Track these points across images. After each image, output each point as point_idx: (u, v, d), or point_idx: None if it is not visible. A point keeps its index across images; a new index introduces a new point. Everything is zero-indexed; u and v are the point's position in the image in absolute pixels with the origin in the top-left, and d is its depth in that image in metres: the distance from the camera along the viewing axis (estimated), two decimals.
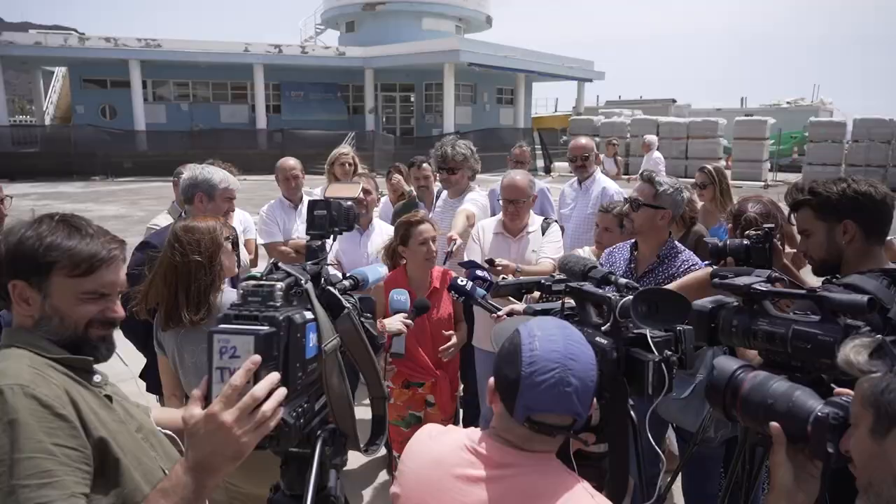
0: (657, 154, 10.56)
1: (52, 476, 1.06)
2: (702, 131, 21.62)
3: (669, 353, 1.19)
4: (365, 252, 3.49)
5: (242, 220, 4.11)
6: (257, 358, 0.99)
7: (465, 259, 3.21)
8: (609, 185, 4.18)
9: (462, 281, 2.60)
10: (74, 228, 1.27)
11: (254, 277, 1.29)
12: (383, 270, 1.64)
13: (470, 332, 3.31)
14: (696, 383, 2.28)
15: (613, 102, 37.93)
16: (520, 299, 2.57)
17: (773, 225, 1.93)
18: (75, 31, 30.14)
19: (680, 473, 2.50)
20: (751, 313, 1.42)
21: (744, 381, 1.18)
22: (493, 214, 4.50)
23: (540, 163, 25.34)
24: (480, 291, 2.63)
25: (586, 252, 3.14)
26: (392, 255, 2.98)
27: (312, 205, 1.40)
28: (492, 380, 1.10)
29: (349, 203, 1.45)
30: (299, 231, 4.17)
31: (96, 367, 1.31)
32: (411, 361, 2.77)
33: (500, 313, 2.55)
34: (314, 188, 4.95)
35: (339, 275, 1.43)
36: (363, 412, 1.33)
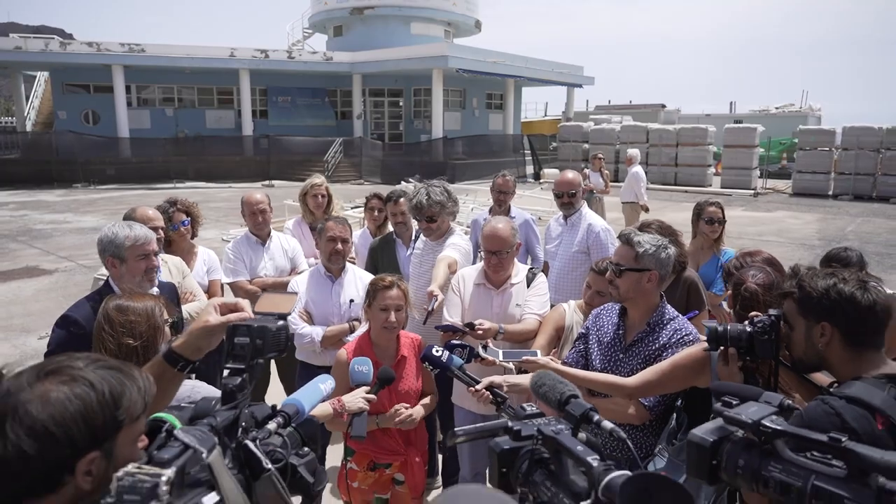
0: (636, 169, 10.30)
1: None
2: (691, 138, 21.59)
3: None
4: (337, 302, 3.23)
5: (207, 260, 3.86)
6: None
7: (445, 316, 2.97)
8: (595, 222, 3.95)
9: (437, 351, 2.36)
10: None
11: (157, 424, 1.05)
12: (327, 386, 1.40)
13: (450, 389, 3.07)
14: None
15: (603, 107, 37.98)
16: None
17: (780, 312, 1.71)
18: (63, 33, 29.55)
19: None
20: (761, 454, 1.20)
21: None
22: (478, 245, 4.27)
23: (529, 169, 25.21)
24: (457, 361, 2.39)
25: (571, 308, 2.90)
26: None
27: (232, 330, 1.16)
28: None
29: (280, 323, 1.20)
30: (267, 269, 3.94)
31: None
32: (373, 442, 2.52)
33: (478, 387, 2.32)
34: (289, 220, 4.70)
35: (268, 407, 1.19)
36: None
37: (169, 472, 0.86)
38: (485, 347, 2.55)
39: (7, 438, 0.88)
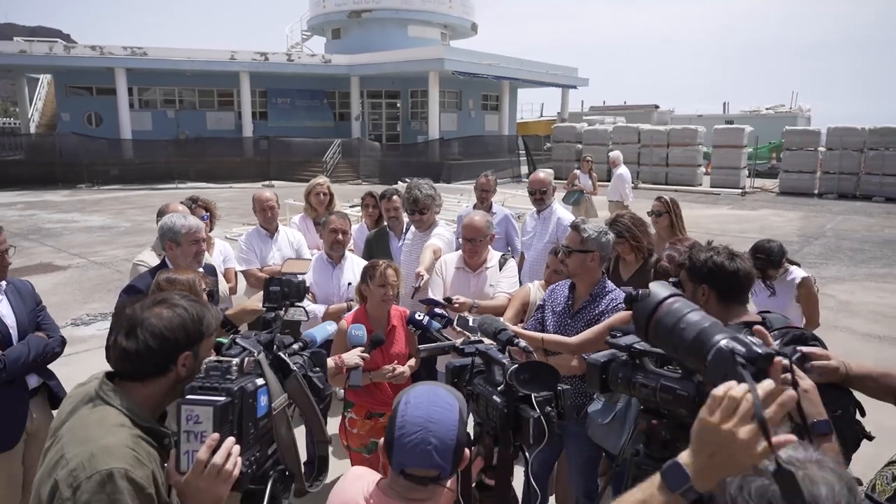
0: (622, 170, 10.94)
1: None
2: (682, 139, 22.09)
3: (550, 409, 1.48)
4: (337, 284, 3.77)
5: (223, 251, 4.39)
6: (216, 436, 1.27)
7: (430, 294, 3.51)
8: (564, 216, 4.50)
9: (419, 316, 2.89)
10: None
11: (220, 344, 1.58)
12: (332, 328, 1.93)
13: (434, 358, 3.59)
14: (616, 411, 2.58)
15: (597, 108, 38.53)
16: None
17: (677, 279, 2.23)
18: (60, 33, 30.02)
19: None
20: (633, 368, 1.72)
21: (663, 304, 1.26)
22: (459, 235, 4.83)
23: (524, 169, 25.74)
24: (436, 325, 2.92)
25: (535, 286, 3.43)
26: (361, 293, 3.25)
27: (268, 282, 1.69)
28: (382, 439, 1.38)
29: (300, 278, 1.73)
30: (275, 258, 4.46)
31: None
32: (370, 395, 3.05)
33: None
34: (294, 215, 5.23)
35: (291, 338, 1.72)
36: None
37: (237, 360, 1.39)
38: (459, 318, 3.08)
39: (139, 339, 1.42)
